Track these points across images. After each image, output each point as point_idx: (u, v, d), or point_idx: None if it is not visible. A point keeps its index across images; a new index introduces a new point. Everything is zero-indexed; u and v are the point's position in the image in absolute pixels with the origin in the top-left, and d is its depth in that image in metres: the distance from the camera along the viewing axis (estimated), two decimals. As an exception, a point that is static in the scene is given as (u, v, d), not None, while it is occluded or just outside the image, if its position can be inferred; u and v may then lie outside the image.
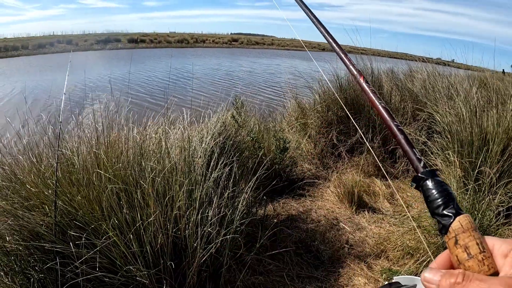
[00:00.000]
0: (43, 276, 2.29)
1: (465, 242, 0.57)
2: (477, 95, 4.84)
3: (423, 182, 0.67)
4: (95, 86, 14.11)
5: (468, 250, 0.56)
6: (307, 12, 1.29)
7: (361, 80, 0.90)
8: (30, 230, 2.37)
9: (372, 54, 6.87)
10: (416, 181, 0.68)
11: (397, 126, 0.77)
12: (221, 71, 24.89)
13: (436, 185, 0.65)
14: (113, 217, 2.36)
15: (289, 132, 6.13)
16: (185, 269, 2.53)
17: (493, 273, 0.54)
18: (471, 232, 0.57)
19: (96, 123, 3.14)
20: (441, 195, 0.63)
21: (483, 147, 3.83)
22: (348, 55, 1.01)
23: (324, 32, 1.15)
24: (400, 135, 0.75)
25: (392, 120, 0.78)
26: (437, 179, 0.66)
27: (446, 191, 0.63)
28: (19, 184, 2.62)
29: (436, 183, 0.65)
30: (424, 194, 0.66)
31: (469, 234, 0.57)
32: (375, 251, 3.57)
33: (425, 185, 0.66)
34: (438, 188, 0.64)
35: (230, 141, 3.77)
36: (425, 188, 0.66)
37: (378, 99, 0.83)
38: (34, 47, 39.96)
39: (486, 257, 0.55)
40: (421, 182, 0.67)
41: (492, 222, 3.21)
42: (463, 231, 0.58)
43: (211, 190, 2.79)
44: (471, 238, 0.57)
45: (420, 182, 0.67)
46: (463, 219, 0.59)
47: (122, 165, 2.66)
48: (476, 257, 0.55)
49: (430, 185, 0.65)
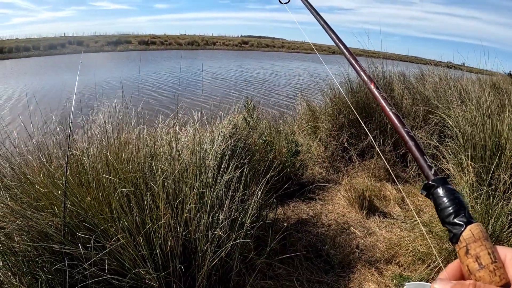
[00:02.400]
0: (51, 277, 2.27)
1: (476, 252, 0.55)
2: (489, 99, 4.78)
3: (433, 190, 0.65)
4: (106, 87, 14.18)
5: (479, 260, 0.54)
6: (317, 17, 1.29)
7: (371, 86, 0.90)
8: (39, 230, 2.35)
9: (383, 57, 6.83)
10: (426, 189, 0.67)
11: (408, 132, 0.76)
12: (232, 73, 24.92)
13: (447, 193, 0.63)
14: (122, 219, 2.34)
15: (299, 135, 6.11)
16: (194, 272, 2.50)
17: (504, 284, 0.52)
18: (483, 241, 0.56)
19: (106, 124, 3.13)
20: (452, 203, 0.61)
21: (497, 151, 3.78)
22: (358, 61, 1.00)
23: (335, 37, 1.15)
24: (411, 141, 0.74)
25: (402, 126, 0.77)
26: (448, 187, 0.64)
27: (457, 199, 0.62)
28: (29, 185, 2.62)
29: (447, 191, 0.63)
30: (435, 202, 0.64)
31: (480, 244, 0.56)
32: (385, 256, 3.52)
33: (435, 192, 0.64)
34: (449, 196, 0.62)
35: (242, 143, 3.75)
36: (435, 196, 0.64)
37: (388, 105, 0.82)
38: (45, 48, 40.27)
39: (497, 268, 0.53)
40: (432, 189, 0.65)
41: (505, 229, 3.15)
42: (474, 240, 0.56)
43: (222, 193, 2.76)
44: (482, 248, 0.55)
45: (430, 190, 0.65)
46: (474, 228, 0.57)
47: (132, 166, 2.65)
48: (487, 268, 0.53)
49: (441, 193, 0.64)
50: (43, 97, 12.92)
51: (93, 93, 7.29)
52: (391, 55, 7.61)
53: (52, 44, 42.34)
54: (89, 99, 6.09)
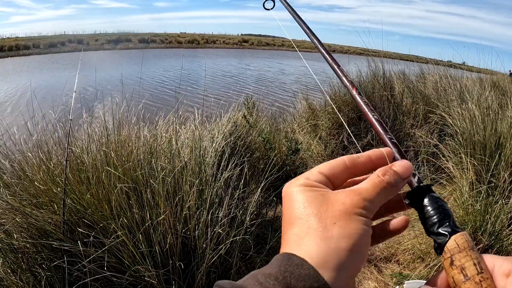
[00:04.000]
0: (50, 274, 2.27)
1: (461, 263, 0.53)
2: (489, 98, 4.78)
3: (417, 199, 0.63)
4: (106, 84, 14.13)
5: (464, 271, 0.52)
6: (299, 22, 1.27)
7: (353, 92, 0.89)
8: (38, 227, 2.35)
9: (383, 56, 6.82)
10: (410, 197, 0.64)
11: (391, 139, 0.74)
12: (232, 72, 24.89)
13: (431, 202, 0.61)
14: (122, 216, 2.34)
15: (299, 134, 6.10)
16: (194, 269, 2.50)
17: None
18: (468, 251, 0.54)
19: (107, 121, 3.13)
20: (436, 212, 0.59)
21: (497, 150, 3.77)
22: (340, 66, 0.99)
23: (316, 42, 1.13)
24: (394, 148, 0.72)
25: (385, 132, 0.75)
26: (433, 195, 0.62)
27: (442, 207, 0.59)
28: (28, 182, 2.61)
29: (431, 199, 0.61)
30: (418, 211, 0.62)
31: (465, 254, 0.53)
32: (385, 254, 3.52)
33: (419, 201, 0.63)
34: (433, 204, 0.60)
35: (241, 141, 3.75)
36: (419, 205, 0.62)
37: (371, 111, 0.80)
38: (45, 46, 40.27)
39: (484, 279, 0.51)
40: (416, 198, 0.63)
41: (504, 227, 3.15)
42: (459, 251, 0.54)
43: (222, 190, 2.76)
44: (467, 259, 0.53)
45: (414, 198, 0.63)
46: (459, 238, 0.55)
47: (132, 164, 2.64)
48: (473, 279, 0.51)
49: (424, 201, 0.62)
50: (43, 95, 12.88)
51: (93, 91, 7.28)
52: (392, 54, 7.59)
53: (52, 43, 42.33)
54: (89, 97, 6.08)
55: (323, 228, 0.43)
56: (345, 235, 0.43)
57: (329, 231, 0.43)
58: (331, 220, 0.44)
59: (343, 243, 0.43)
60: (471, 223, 3.13)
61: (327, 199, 0.46)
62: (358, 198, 0.47)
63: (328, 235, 0.43)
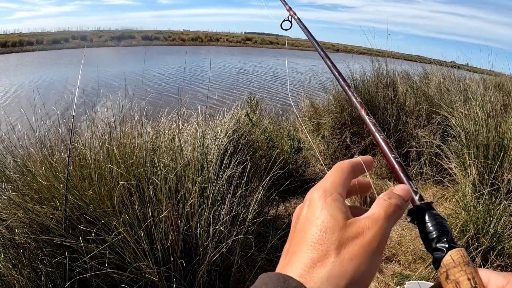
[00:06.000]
0: (51, 270, 2.27)
1: (455, 277, 0.54)
2: (493, 99, 4.76)
3: (418, 216, 0.65)
4: (109, 81, 14.17)
5: (458, 285, 0.53)
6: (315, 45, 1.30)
7: (363, 112, 0.93)
8: (40, 223, 2.35)
9: (387, 56, 6.81)
10: (412, 214, 0.67)
11: (395, 158, 0.77)
12: (236, 70, 24.90)
13: (431, 218, 0.63)
14: (124, 213, 2.34)
15: (302, 132, 6.09)
16: (195, 267, 2.50)
17: None
18: (463, 266, 0.55)
19: (109, 118, 3.13)
20: (435, 228, 0.62)
21: (500, 152, 3.77)
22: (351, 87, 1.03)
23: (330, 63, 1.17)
24: (398, 166, 0.75)
25: (391, 152, 0.79)
26: (432, 212, 0.64)
27: (440, 224, 0.62)
28: (31, 177, 2.62)
29: (430, 216, 0.64)
30: (419, 228, 0.65)
31: (460, 269, 0.55)
32: (386, 254, 3.52)
33: (419, 218, 0.65)
34: (433, 221, 0.63)
35: (244, 139, 3.74)
36: (419, 222, 0.65)
37: (378, 132, 0.85)
38: (48, 43, 40.25)
39: None
40: (417, 215, 0.66)
41: (506, 229, 3.14)
42: (454, 266, 0.55)
43: (224, 188, 2.76)
44: (462, 273, 0.54)
45: (415, 215, 0.66)
46: (455, 254, 0.57)
47: (135, 160, 2.64)
48: None
49: (425, 218, 0.64)
50: (46, 91, 12.92)
51: (96, 87, 7.29)
52: (395, 54, 7.57)
53: (55, 39, 42.34)
54: (92, 93, 6.09)
55: (340, 263, 0.44)
56: (358, 277, 0.45)
57: (344, 267, 0.44)
58: (349, 257, 0.45)
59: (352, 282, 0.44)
60: (473, 224, 3.13)
61: (350, 229, 0.47)
62: (376, 229, 0.48)
63: (342, 273, 0.44)
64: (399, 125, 5.55)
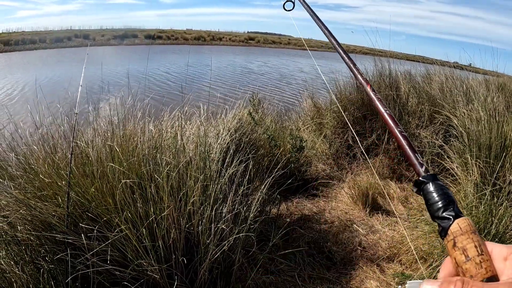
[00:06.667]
0: (53, 267, 2.28)
1: (463, 245, 0.56)
2: (496, 99, 4.76)
3: (423, 186, 0.66)
4: (112, 79, 14.20)
5: (466, 252, 0.55)
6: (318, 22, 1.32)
7: (368, 89, 0.96)
8: (42, 220, 2.36)
9: (390, 56, 6.80)
10: (417, 185, 0.68)
11: (401, 132, 0.80)
12: (238, 69, 24.91)
13: (437, 188, 0.65)
14: (126, 211, 2.34)
15: (304, 132, 6.09)
16: (196, 265, 2.50)
17: (490, 276, 0.52)
18: (470, 234, 0.57)
19: (112, 115, 3.13)
20: (441, 198, 0.63)
21: (502, 152, 3.76)
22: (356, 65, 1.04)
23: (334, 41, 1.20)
24: (404, 140, 0.78)
25: (396, 126, 0.82)
26: (438, 183, 0.66)
27: (446, 194, 0.63)
28: (33, 174, 2.62)
29: (436, 186, 0.65)
30: (425, 198, 0.66)
31: (467, 237, 0.57)
32: (388, 254, 3.52)
33: (425, 188, 0.66)
34: (439, 191, 0.64)
35: (246, 138, 3.75)
36: (425, 192, 0.66)
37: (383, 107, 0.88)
38: (51, 41, 40.26)
39: (484, 260, 0.54)
40: (422, 186, 0.66)
41: (508, 229, 3.14)
42: (462, 233, 0.57)
43: (226, 186, 2.76)
44: (469, 241, 0.56)
45: (421, 186, 0.67)
46: (462, 222, 0.58)
47: (137, 158, 2.65)
48: (473, 260, 0.54)
49: (430, 188, 0.66)
50: (50, 89, 12.94)
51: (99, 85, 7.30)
52: (398, 54, 7.57)
53: (58, 37, 42.33)
54: (95, 91, 6.10)
55: None
56: None
57: None
58: None
59: None
60: (475, 224, 3.12)
61: None
62: None
63: None
64: (402, 125, 5.52)
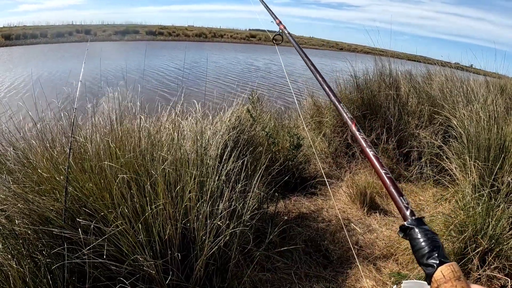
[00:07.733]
0: (50, 261, 2.29)
1: None
2: (496, 101, 4.76)
3: (409, 231, 0.66)
4: (111, 75, 14.17)
5: None
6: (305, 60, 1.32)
7: (353, 128, 0.96)
8: (39, 214, 2.37)
9: (391, 55, 6.80)
10: (403, 230, 0.68)
11: (386, 174, 0.80)
12: (238, 66, 24.88)
13: (422, 234, 0.65)
14: (122, 206, 2.35)
15: (303, 130, 6.10)
16: (192, 261, 2.51)
17: None
18: (453, 281, 0.57)
19: (110, 111, 3.14)
20: (426, 243, 0.64)
21: (501, 154, 3.77)
22: (341, 102, 1.05)
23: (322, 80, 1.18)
24: (389, 182, 0.77)
25: (381, 167, 0.82)
26: (423, 227, 0.66)
27: (431, 239, 0.64)
28: (31, 169, 2.63)
29: (421, 232, 0.65)
30: (411, 243, 0.67)
31: (451, 284, 0.57)
32: (384, 253, 3.53)
33: (411, 234, 0.67)
34: (424, 237, 0.65)
35: (244, 135, 3.75)
36: (411, 238, 0.67)
37: (369, 147, 0.88)
38: (52, 36, 40.20)
39: None
40: (408, 231, 0.67)
41: (505, 231, 3.15)
42: (445, 281, 0.58)
43: (223, 183, 2.77)
44: None
45: (407, 231, 0.67)
46: (445, 269, 0.59)
47: (134, 154, 2.65)
48: None
49: (416, 234, 0.66)
50: (49, 83, 12.94)
51: (98, 81, 7.30)
52: (399, 53, 7.56)
53: (59, 32, 42.27)
54: (94, 86, 6.10)
55: None
56: None
57: None
58: None
59: None
60: (471, 225, 3.13)
61: None
62: None
63: None
64: (401, 125, 5.55)
